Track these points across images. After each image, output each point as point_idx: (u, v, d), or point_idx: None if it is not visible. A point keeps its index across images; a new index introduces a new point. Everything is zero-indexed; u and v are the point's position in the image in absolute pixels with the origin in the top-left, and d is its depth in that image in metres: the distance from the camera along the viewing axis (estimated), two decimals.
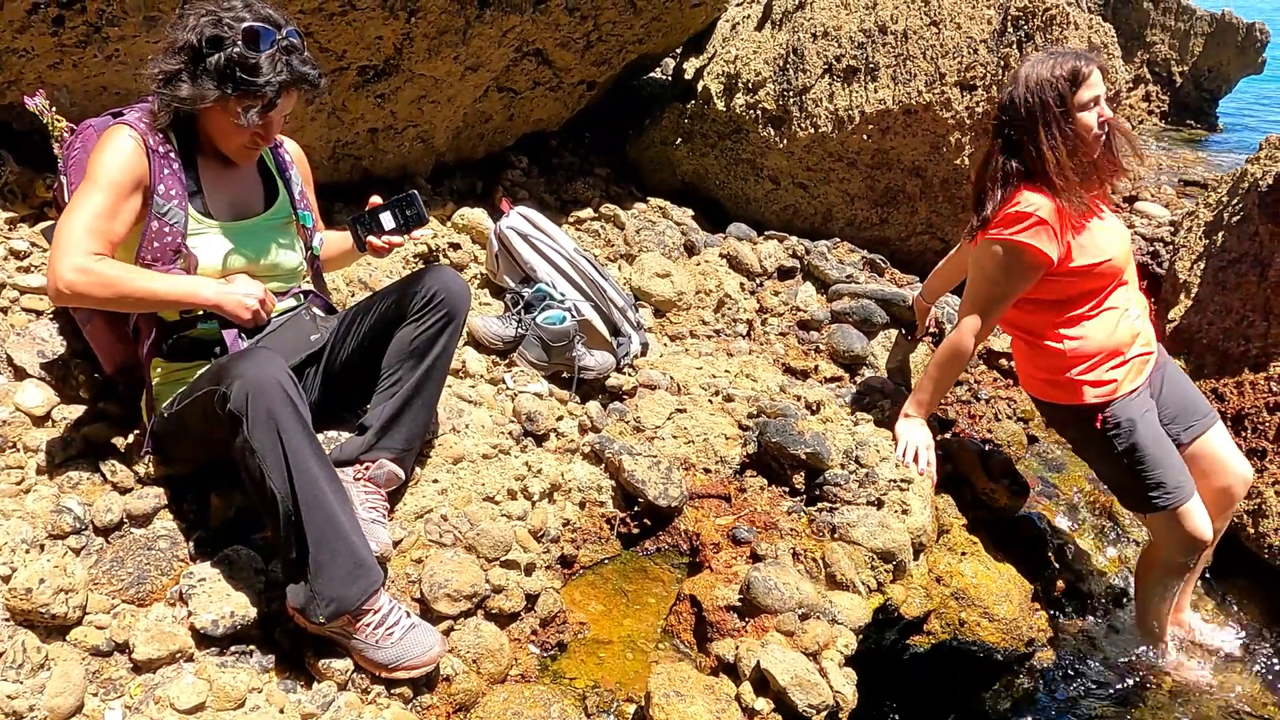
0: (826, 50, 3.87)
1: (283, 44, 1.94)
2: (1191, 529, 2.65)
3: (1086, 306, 2.61)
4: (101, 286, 1.88)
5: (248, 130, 2.00)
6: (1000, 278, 2.58)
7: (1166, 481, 2.62)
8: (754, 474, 2.79)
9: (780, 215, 4.19)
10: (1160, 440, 2.65)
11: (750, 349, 3.59)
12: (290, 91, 1.99)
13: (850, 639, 2.23)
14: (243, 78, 1.92)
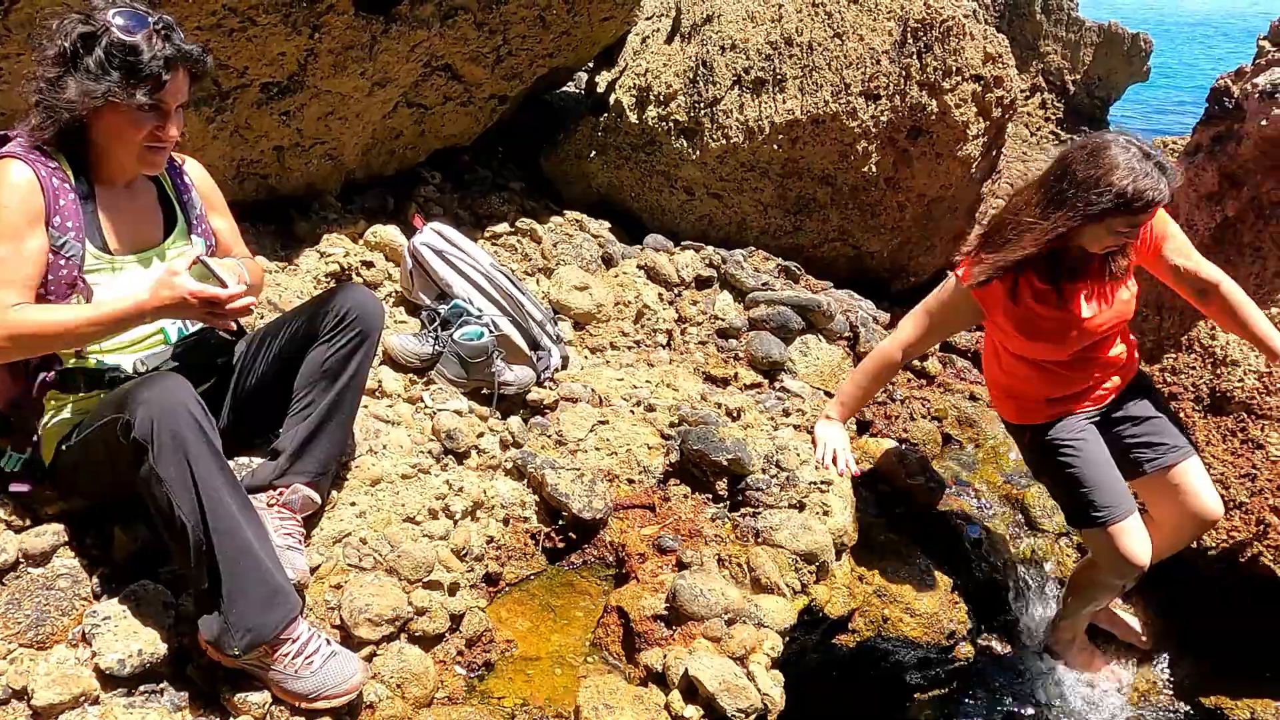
0: (735, 62, 3.93)
1: (157, 25, 1.89)
2: (1123, 551, 2.58)
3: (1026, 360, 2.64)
4: (35, 339, 1.84)
5: (145, 126, 1.92)
6: (935, 305, 2.62)
7: (1096, 501, 2.59)
8: (677, 482, 2.80)
9: (696, 225, 4.23)
10: (1095, 462, 2.62)
11: (671, 358, 3.62)
12: (177, 70, 1.91)
13: (777, 641, 2.25)
14: (126, 60, 1.83)
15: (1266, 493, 3.01)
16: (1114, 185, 2.20)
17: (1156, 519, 2.77)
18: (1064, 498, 2.74)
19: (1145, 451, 2.74)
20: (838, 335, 3.79)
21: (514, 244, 3.94)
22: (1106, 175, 2.22)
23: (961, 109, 3.81)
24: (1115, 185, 2.20)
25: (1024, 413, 2.75)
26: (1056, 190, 2.31)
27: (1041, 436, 2.69)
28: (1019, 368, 2.67)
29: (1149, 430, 2.75)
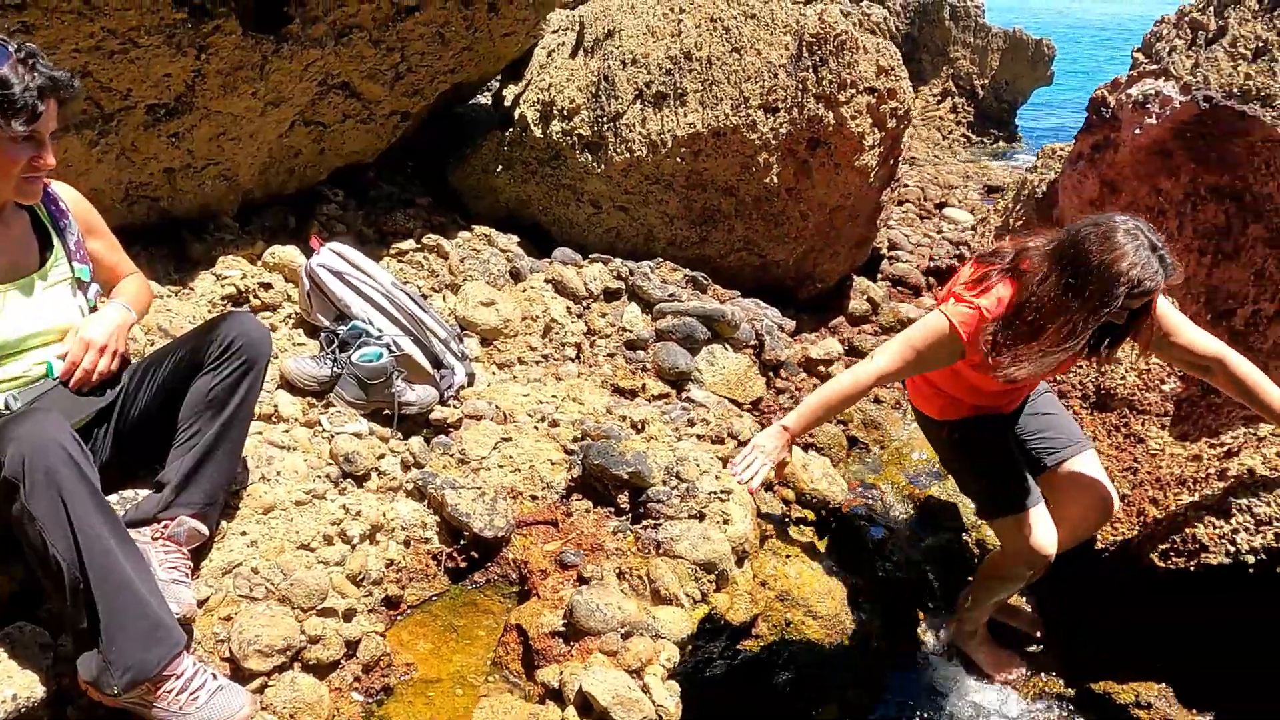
0: (636, 77, 3.98)
1: (19, 55, 1.86)
2: (1034, 539, 2.71)
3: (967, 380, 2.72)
4: None
5: (22, 158, 1.89)
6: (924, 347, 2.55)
7: (1012, 490, 2.72)
8: (580, 497, 2.82)
9: (604, 238, 4.27)
10: (1010, 454, 2.76)
11: (579, 372, 3.64)
12: (49, 99, 1.89)
13: (673, 652, 2.29)
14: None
15: (1146, 485, 3.16)
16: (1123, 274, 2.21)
17: (1059, 514, 2.87)
18: (980, 489, 2.86)
19: (1046, 446, 2.88)
20: (744, 344, 3.86)
21: (420, 260, 3.92)
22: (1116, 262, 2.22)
23: (857, 120, 3.92)
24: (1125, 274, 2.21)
25: (946, 413, 2.85)
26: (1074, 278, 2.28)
27: (962, 430, 2.80)
28: (958, 384, 2.74)
29: (1048, 426, 2.89)
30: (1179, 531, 2.96)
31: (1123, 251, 2.22)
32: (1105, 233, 2.27)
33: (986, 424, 2.79)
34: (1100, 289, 2.25)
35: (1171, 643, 3.05)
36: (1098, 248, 2.26)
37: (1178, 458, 3.16)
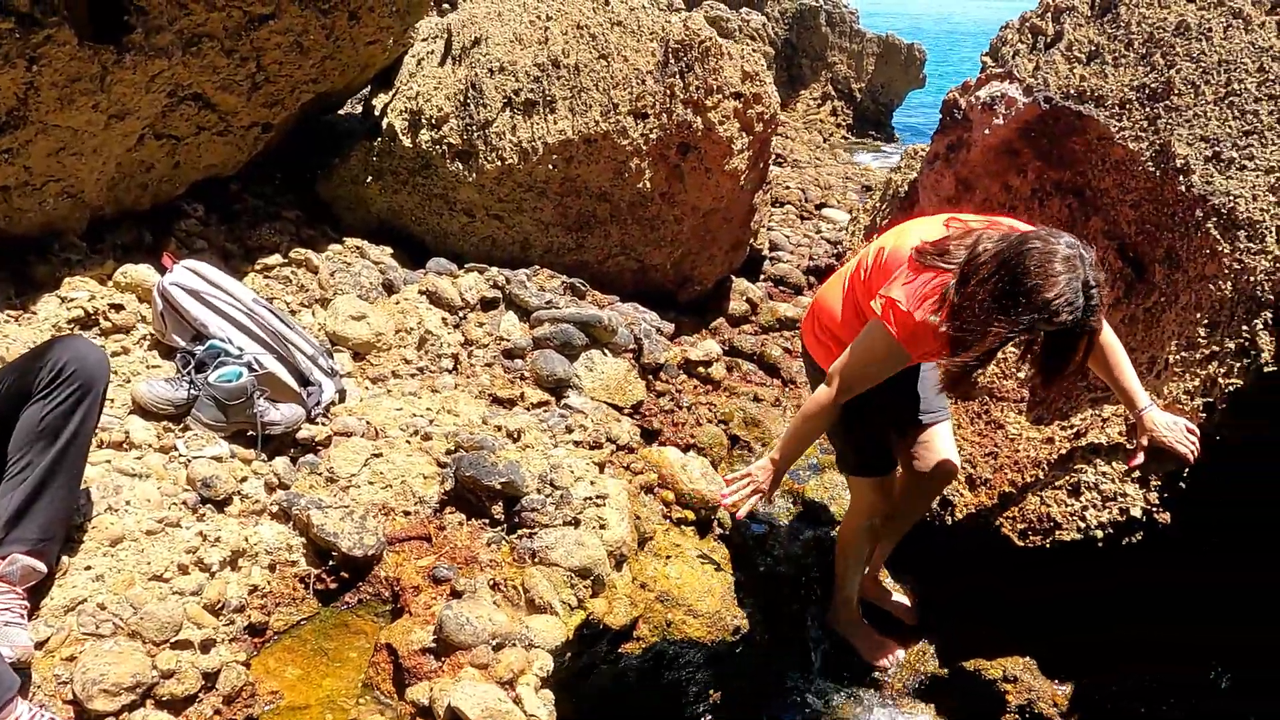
0: (505, 85, 3.96)
1: None
2: (875, 494, 2.98)
3: None
4: None
5: None
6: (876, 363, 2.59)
7: (864, 454, 2.93)
8: (453, 510, 2.79)
9: (479, 247, 4.23)
10: (873, 419, 2.89)
11: (456, 383, 3.60)
12: None
13: (547, 661, 2.28)
14: None
15: (1006, 468, 3.30)
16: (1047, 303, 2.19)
17: (909, 467, 3.06)
18: (845, 444, 2.98)
19: (918, 406, 3.02)
20: (622, 348, 3.88)
21: (289, 275, 3.81)
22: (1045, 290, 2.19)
23: (725, 125, 3.99)
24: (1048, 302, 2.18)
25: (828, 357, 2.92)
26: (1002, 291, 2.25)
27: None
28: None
29: (927, 391, 3.03)
30: (1035, 511, 3.11)
31: (1054, 280, 2.19)
32: (1047, 254, 2.22)
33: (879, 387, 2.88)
34: (1023, 311, 2.22)
35: (1033, 618, 3.20)
36: (1035, 268, 2.21)
37: (1033, 441, 3.31)
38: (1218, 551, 2.88)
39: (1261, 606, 2.98)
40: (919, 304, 2.43)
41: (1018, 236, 2.33)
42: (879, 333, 2.53)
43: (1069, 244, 2.24)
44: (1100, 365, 2.73)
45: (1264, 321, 2.68)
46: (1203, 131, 3.06)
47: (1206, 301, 2.91)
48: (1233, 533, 2.85)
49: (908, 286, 2.46)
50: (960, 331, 2.34)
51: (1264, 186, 2.84)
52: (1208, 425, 2.75)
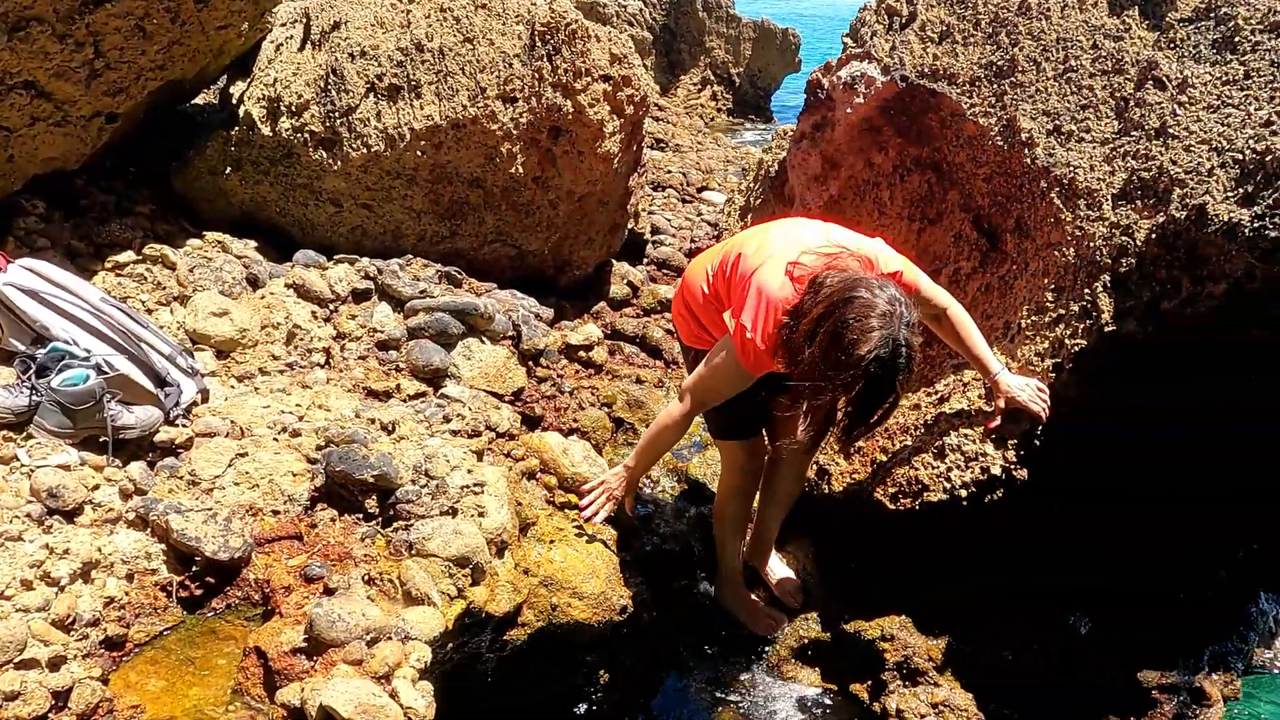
0: (367, 69, 3.85)
1: None
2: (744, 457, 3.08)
3: None
4: None
5: None
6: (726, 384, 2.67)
7: (732, 422, 3.03)
8: (325, 507, 2.71)
9: (349, 237, 4.12)
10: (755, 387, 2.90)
11: (328, 378, 3.49)
12: None
13: (424, 652, 2.24)
14: None
15: (877, 435, 3.40)
16: (861, 359, 2.21)
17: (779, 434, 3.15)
18: (723, 414, 3.02)
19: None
20: (501, 335, 3.84)
21: (143, 273, 3.62)
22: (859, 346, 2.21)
23: (595, 108, 3.98)
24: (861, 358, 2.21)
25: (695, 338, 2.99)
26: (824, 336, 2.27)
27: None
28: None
29: None
30: (905, 475, 3.23)
31: (869, 337, 2.22)
32: (865, 307, 2.25)
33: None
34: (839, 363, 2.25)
35: (908, 578, 3.33)
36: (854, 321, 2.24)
37: (901, 408, 3.43)
38: (1073, 504, 3.05)
39: (1114, 555, 3.18)
40: (765, 330, 2.47)
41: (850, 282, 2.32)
42: (729, 354, 2.61)
43: (890, 299, 2.28)
44: (951, 337, 2.87)
45: (1103, 284, 2.84)
46: (1044, 106, 3.21)
47: (1053, 268, 3.06)
48: (1085, 486, 3.02)
49: (758, 310, 2.49)
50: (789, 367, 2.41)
51: (1100, 157, 3.01)
52: (1057, 384, 2.91)
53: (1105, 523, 3.06)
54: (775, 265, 2.54)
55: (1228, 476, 3.01)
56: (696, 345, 3.00)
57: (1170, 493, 3.00)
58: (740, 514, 3.25)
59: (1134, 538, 3.09)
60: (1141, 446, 2.93)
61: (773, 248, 2.62)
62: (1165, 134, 2.82)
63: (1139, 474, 2.97)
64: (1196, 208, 2.60)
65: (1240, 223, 2.50)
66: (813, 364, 2.30)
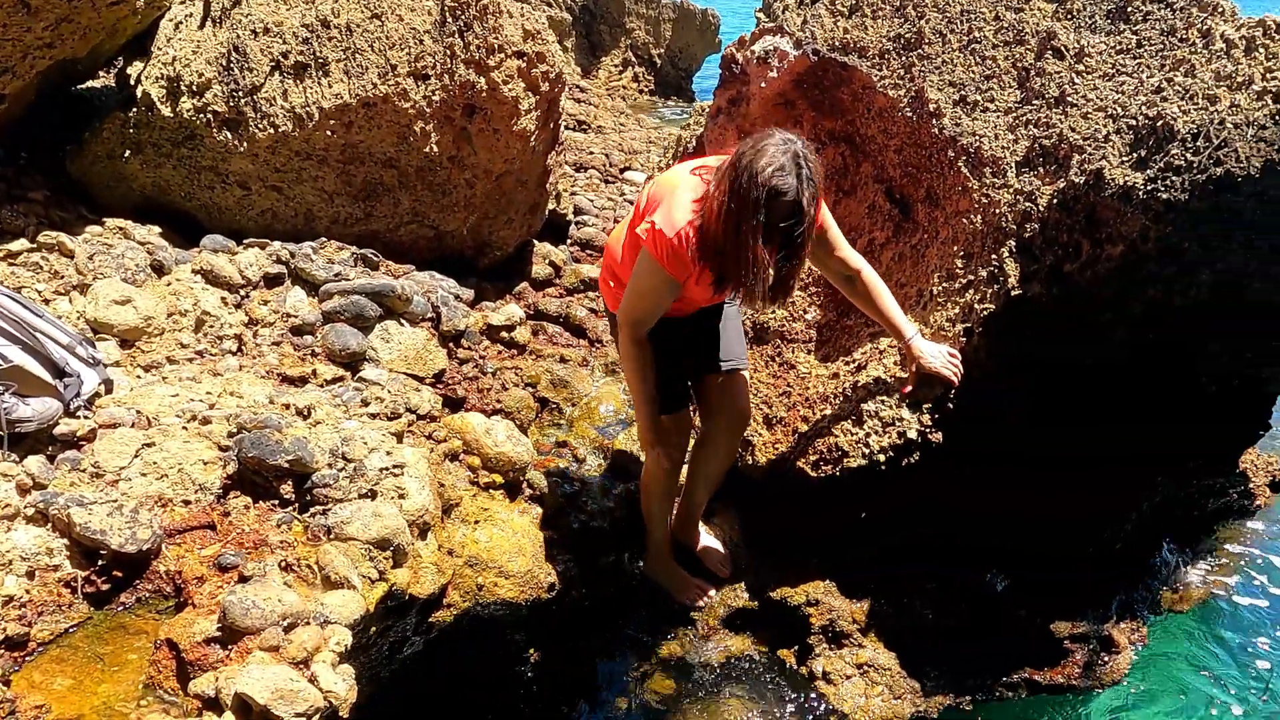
0: (271, 47, 3.73)
1: None
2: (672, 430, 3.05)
3: None
4: None
5: None
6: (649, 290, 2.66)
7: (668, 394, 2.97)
8: (239, 494, 2.64)
9: (259, 221, 4.00)
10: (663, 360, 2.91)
11: (241, 365, 3.40)
12: None
13: (344, 635, 2.21)
14: None
15: (799, 406, 3.45)
16: (759, 173, 2.29)
17: (705, 413, 3.17)
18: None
19: (719, 353, 3.09)
20: (419, 317, 3.78)
21: (38, 261, 3.47)
22: (756, 163, 2.30)
23: (510, 85, 3.93)
24: (761, 172, 2.29)
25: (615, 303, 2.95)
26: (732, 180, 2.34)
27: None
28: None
29: (728, 337, 3.11)
30: (825, 442, 3.28)
31: (769, 159, 2.31)
32: (759, 141, 2.36)
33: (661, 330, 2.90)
34: (745, 194, 2.31)
35: (831, 544, 3.39)
36: (749, 155, 2.34)
37: (821, 377, 3.49)
38: (986, 466, 3.14)
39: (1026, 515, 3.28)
40: (673, 221, 2.51)
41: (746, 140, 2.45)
42: (645, 261, 2.61)
43: (782, 134, 2.39)
44: (865, 301, 2.91)
45: (1009, 249, 2.92)
46: (950, 77, 3.28)
47: (962, 235, 3.13)
48: (998, 448, 3.11)
49: (667, 210, 2.54)
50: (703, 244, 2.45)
51: (1004, 126, 3.08)
52: (968, 349, 2.98)
53: (1017, 483, 3.16)
54: (681, 174, 2.63)
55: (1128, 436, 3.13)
56: None
57: (1077, 453, 3.11)
58: (668, 488, 3.26)
59: (1044, 498, 3.19)
60: (1047, 409, 3.02)
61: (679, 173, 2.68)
62: (1064, 102, 2.90)
63: (1047, 435, 3.07)
64: (1094, 173, 2.69)
65: (1135, 186, 2.59)
66: (721, 212, 2.35)
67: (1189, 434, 3.16)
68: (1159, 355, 2.94)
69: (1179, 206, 2.52)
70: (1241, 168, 2.44)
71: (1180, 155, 2.51)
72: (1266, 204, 2.52)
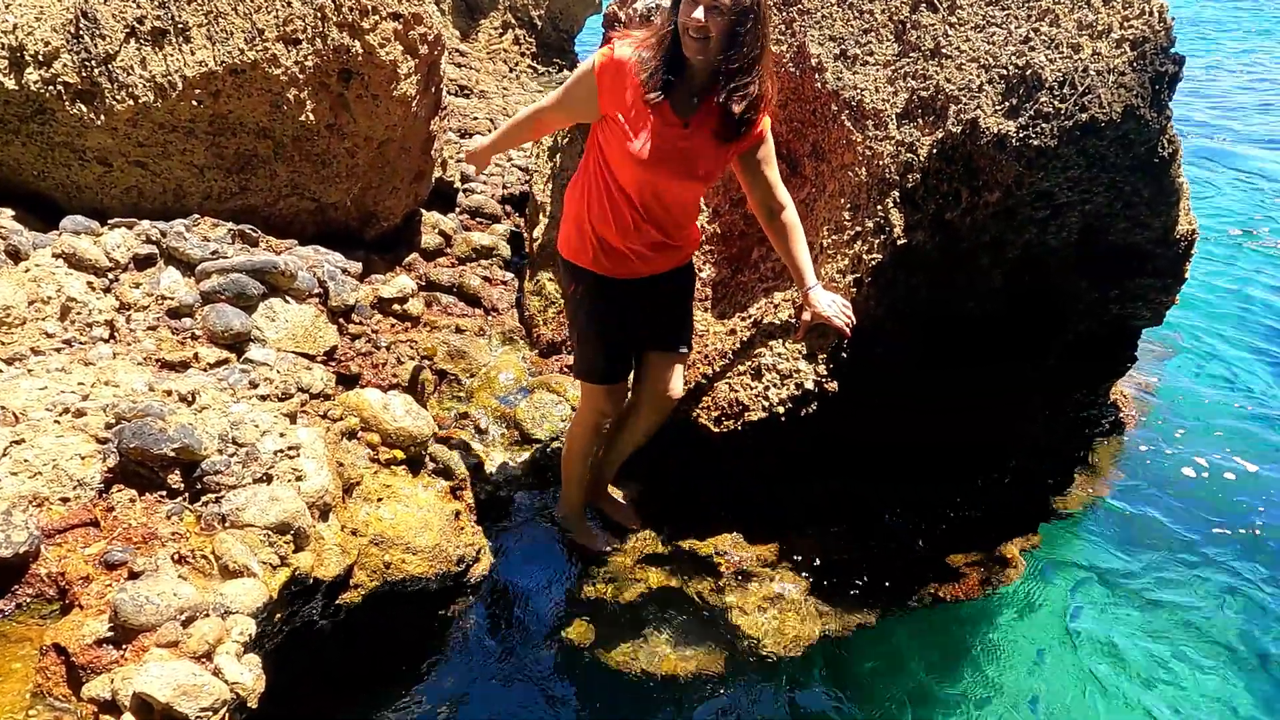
0: (124, 12, 3.50)
1: None
2: (606, 399, 3.07)
3: (611, 185, 2.74)
4: None
5: None
6: (570, 84, 2.71)
7: (591, 361, 3.01)
8: (122, 488, 2.50)
9: (124, 199, 3.77)
10: (606, 326, 2.94)
11: (115, 352, 3.21)
12: None
13: (248, 625, 2.13)
14: None
15: (698, 363, 3.48)
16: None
17: (638, 389, 3.17)
18: (578, 349, 3.05)
19: (662, 332, 3.09)
20: (306, 294, 3.64)
21: None
22: None
23: (386, 48, 3.80)
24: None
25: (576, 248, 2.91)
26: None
27: (585, 292, 2.92)
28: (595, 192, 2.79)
29: (673, 318, 3.10)
30: (726, 397, 3.33)
31: None
32: None
33: (606, 293, 2.92)
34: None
35: (737, 494, 3.46)
36: None
37: (719, 334, 3.53)
38: (880, 410, 3.24)
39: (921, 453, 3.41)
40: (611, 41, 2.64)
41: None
42: (581, 69, 2.69)
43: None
44: (781, 240, 2.93)
45: (893, 200, 3.00)
46: (830, 32, 3.32)
47: (848, 188, 3.20)
48: (889, 393, 3.21)
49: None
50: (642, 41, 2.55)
51: (883, 79, 3.15)
52: (859, 298, 3.07)
53: (910, 426, 3.28)
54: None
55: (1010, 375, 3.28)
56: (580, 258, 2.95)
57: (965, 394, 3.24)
58: (590, 451, 3.26)
59: (937, 436, 3.33)
60: (935, 353, 3.14)
61: None
62: (939, 54, 2.98)
63: (936, 379, 3.19)
64: (970, 122, 2.78)
65: (1008, 134, 2.69)
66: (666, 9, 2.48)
67: (1065, 370, 3.33)
68: (1035, 298, 3.08)
69: (1049, 152, 2.63)
70: (1104, 113, 2.56)
71: (1049, 103, 2.62)
72: (1127, 147, 2.66)
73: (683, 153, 2.65)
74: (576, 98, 2.72)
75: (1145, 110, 2.58)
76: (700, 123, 2.64)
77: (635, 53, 2.57)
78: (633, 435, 3.29)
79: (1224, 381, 4.93)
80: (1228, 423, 4.46)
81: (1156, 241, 2.94)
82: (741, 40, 2.47)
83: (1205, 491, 3.94)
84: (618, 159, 2.67)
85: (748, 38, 2.47)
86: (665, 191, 2.73)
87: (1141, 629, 3.26)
